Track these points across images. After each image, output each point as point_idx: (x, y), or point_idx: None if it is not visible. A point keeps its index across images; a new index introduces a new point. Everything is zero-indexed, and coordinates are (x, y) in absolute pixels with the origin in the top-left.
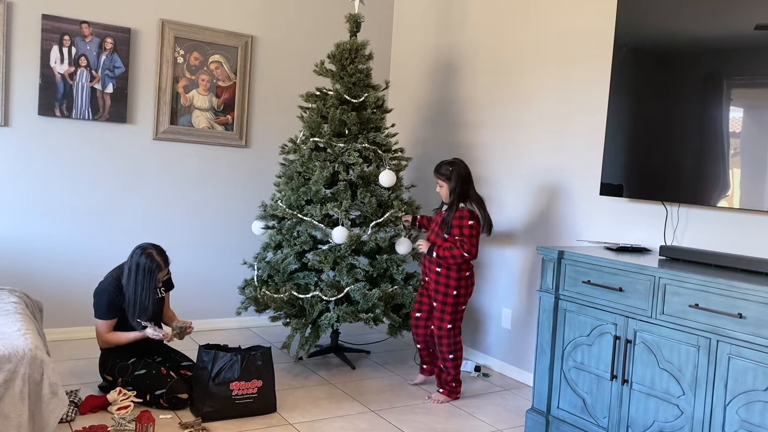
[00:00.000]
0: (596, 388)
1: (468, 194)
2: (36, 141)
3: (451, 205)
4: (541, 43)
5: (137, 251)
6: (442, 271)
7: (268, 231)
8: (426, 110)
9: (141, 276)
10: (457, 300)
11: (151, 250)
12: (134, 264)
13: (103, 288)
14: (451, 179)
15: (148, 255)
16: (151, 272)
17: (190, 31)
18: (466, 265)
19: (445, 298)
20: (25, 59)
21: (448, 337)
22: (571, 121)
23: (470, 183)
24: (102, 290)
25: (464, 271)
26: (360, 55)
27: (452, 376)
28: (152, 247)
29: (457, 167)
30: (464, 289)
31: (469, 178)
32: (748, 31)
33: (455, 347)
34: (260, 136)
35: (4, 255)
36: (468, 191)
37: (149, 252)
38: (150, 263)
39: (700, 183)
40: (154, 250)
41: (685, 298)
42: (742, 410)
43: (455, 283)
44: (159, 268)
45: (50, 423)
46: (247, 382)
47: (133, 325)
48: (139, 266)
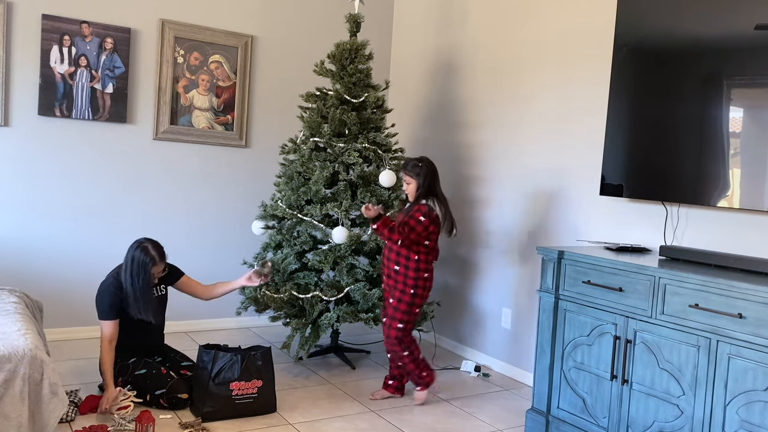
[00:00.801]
0: (596, 388)
1: (433, 192)
2: (36, 141)
3: (415, 202)
4: (541, 43)
5: (133, 245)
6: (400, 270)
7: (268, 231)
8: (426, 110)
9: (135, 269)
10: (412, 300)
11: (147, 244)
12: (130, 258)
13: (104, 288)
14: (420, 176)
15: (143, 249)
16: (144, 266)
17: (190, 31)
18: (424, 265)
19: (402, 296)
20: (25, 59)
21: (397, 337)
22: (571, 121)
23: (437, 181)
24: (103, 291)
25: (422, 271)
26: (360, 55)
27: (417, 370)
28: (148, 241)
29: (426, 165)
30: (421, 290)
31: (436, 177)
32: (748, 31)
33: (406, 343)
34: (260, 136)
35: (4, 255)
36: (434, 189)
37: (144, 246)
38: (144, 257)
39: (700, 183)
40: (150, 244)
41: (685, 298)
42: (742, 410)
43: (413, 282)
44: (153, 262)
45: (50, 423)
46: (247, 382)
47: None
48: (134, 260)
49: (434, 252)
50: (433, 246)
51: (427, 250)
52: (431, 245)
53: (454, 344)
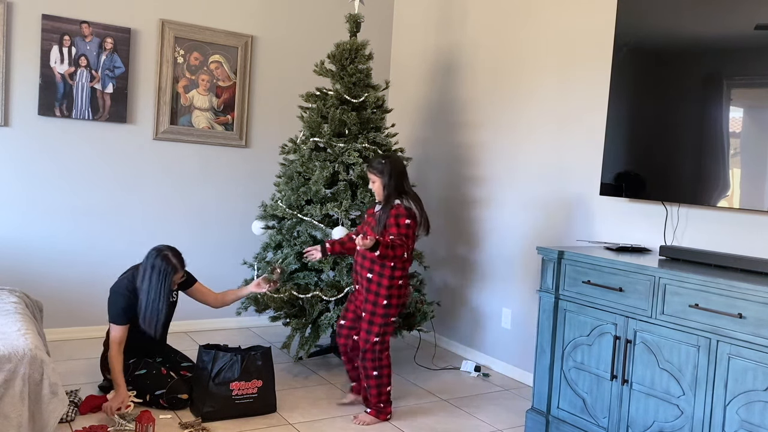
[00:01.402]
0: (596, 388)
1: (403, 190)
2: (36, 141)
3: (386, 203)
4: (541, 43)
5: (153, 253)
6: (373, 278)
7: (268, 231)
8: (426, 110)
9: (156, 278)
10: (387, 311)
11: (167, 252)
12: (149, 266)
13: (119, 291)
14: (384, 173)
15: (164, 257)
16: (166, 275)
17: (190, 31)
18: (399, 272)
19: (375, 308)
20: (25, 59)
21: (373, 352)
22: (571, 121)
23: (405, 178)
24: (117, 294)
25: (397, 279)
26: (360, 55)
27: (376, 397)
28: (168, 249)
29: (391, 161)
30: (396, 299)
31: (404, 174)
32: (748, 31)
33: (380, 363)
34: (260, 136)
35: (4, 255)
36: (403, 187)
37: (165, 254)
38: (166, 265)
39: (700, 183)
40: (170, 252)
41: (685, 298)
42: (742, 410)
43: (386, 292)
44: (174, 270)
45: (50, 423)
46: (247, 382)
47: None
48: (154, 268)
49: (411, 257)
50: (412, 250)
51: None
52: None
53: (454, 344)
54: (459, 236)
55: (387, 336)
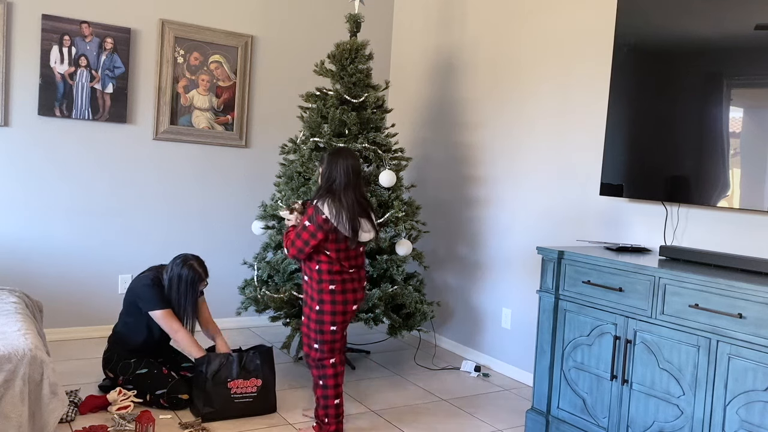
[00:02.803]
0: (596, 388)
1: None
2: (36, 141)
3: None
4: (541, 43)
5: (178, 263)
6: (307, 280)
7: (268, 231)
8: (426, 110)
9: (184, 287)
10: (320, 317)
11: (192, 262)
12: (176, 275)
13: (147, 283)
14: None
15: (190, 267)
16: (193, 284)
17: (190, 31)
18: (327, 276)
19: (309, 313)
20: (25, 59)
21: (313, 360)
22: (571, 120)
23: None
24: (147, 285)
25: (326, 283)
26: (360, 55)
27: (321, 409)
28: (193, 258)
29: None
30: (329, 305)
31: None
32: (748, 31)
33: (323, 373)
34: (260, 136)
35: (4, 255)
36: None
37: (191, 263)
38: (193, 275)
39: (700, 183)
40: (195, 261)
41: (685, 298)
42: (742, 410)
43: (317, 296)
44: (201, 279)
45: (50, 423)
46: (245, 381)
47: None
48: (181, 278)
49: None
50: (335, 256)
51: (328, 259)
52: (332, 255)
53: (454, 344)
54: (459, 236)
55: (326, 345)
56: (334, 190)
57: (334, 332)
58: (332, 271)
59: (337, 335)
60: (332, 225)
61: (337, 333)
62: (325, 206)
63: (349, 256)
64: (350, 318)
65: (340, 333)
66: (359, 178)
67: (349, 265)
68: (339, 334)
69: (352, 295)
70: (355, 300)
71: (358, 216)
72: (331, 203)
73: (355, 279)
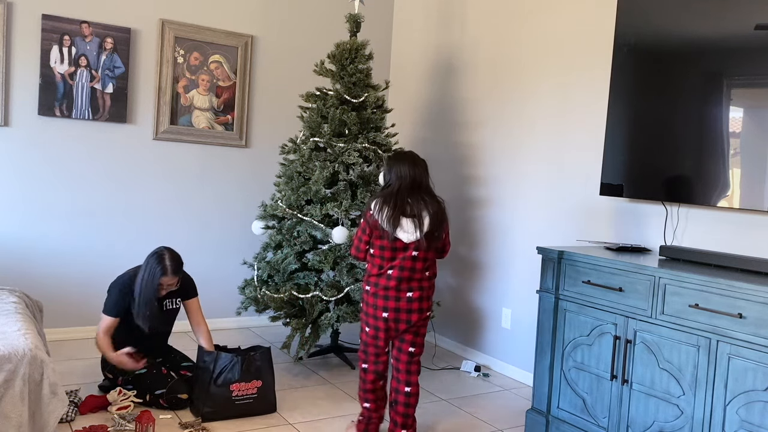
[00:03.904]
0: (596, 388)
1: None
2: (36, 141)
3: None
4: (541, 42)
5: (153, 252)
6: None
7: (268, 231)
8: (426, 110)
9: (146, 277)
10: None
11: (164, 254)
12: (145, 263)
13: (116, 285)
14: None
15: (159, 257)
16: (153, 275)
17: (190, 31)
18: (366, 276)
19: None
20: (25, 59)
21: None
22: (571, 120)
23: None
24: (114, 287)
25: (365, 283)
26: (360, 55)
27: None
28: (167, 251)
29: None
30: (364, 305)
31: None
32: (748, 31)
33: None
34: (260, 136)
35: (4, 255)
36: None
37: (161, 255)
38: (156, 266)
39: (700, 183)
40: (168, 254)
41: (685, 298)
42: (742, 410)
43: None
44: (163, 272)
45: (50, 423)
46: (247, 383)
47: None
48: (147, 266)
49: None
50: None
51: (372, 258)
52: (375, 252)
53: (454, 344)
54: (459, 236)
55: (361, 345)
56: (386, 194)
57: (367, 335)
58: (371, 273)
59: (369, 340)
60: (376, 220)
61: (369, 338)
62: (372, 202)
63: (394, 257)
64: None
65: (372, 339)
66: (414, 183)
67: (389, 266)
68: (371, 340)
69: (383, 302)
70: (385, 307)
71: (403, 216)
72: (378, 200)
73: (391, 287)
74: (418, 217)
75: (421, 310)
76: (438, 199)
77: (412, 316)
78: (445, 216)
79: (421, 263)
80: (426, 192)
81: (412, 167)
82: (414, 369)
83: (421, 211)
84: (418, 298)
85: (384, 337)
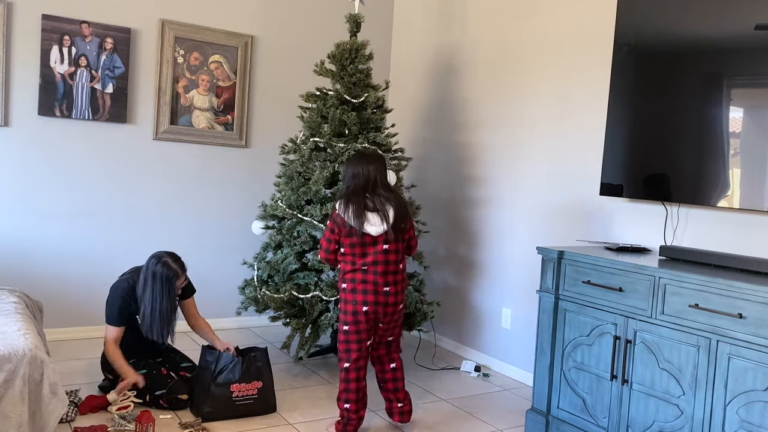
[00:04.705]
0: (596, 388)
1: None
2: (36, 141)
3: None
4: (541, 42)
5: (152, 261)
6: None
7: (268, 231)
8: (426, 110)
9: (159, 286)
10: (341, 316)
11: (167, 258)
12: (150, 274)
13: (117, 294)
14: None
15: (164, 264)
16: (169, 281)
17: (190, 31)
18: (341, 275)
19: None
20: (25, 59)
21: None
22: (571, 121)
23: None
24: (116, 296)
25: (341, 281)
26: (360, 55)
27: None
28: (167, 255)
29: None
30: (342, 304)
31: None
32: (748, 31)
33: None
34: (260, 136)
35: (4, 255)
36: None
37: (165, 260)
38: (167, 272)
39: (700, 183)
40: (170, 258)
41: (685, 298)
42: (742, 410)
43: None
44: (177, 276)
45: (50, 423)
46: (247, 384)
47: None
48: (156, 275)
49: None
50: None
51: (343, 258)
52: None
53: (454, 344)
54: (459, 236)
55: (341, 345)
56: (345, 193)
57: (347, 332)
58: (345, 270)
59: (352, 336)
60: (342, 218)
61: (352, 334)
62: (337, 203)
63: (365, 253)
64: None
65: (355, 335)
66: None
67: (362, 263)
68: (354, 336)
69: (362, 296)
70: (365, 301)
71: (367, 210)
72: (342, 200)
73: (369, 281)
74: (381, 211)
75: (396, 303)
76: (398, 192)
77: (388, 309)
78: (408, 209)
79: (394, 256)
80: (383, 187)
81: (365, 165)
82: (394, 347)
83: (384, 205)
84: (394, 293)
85: (366, 329)
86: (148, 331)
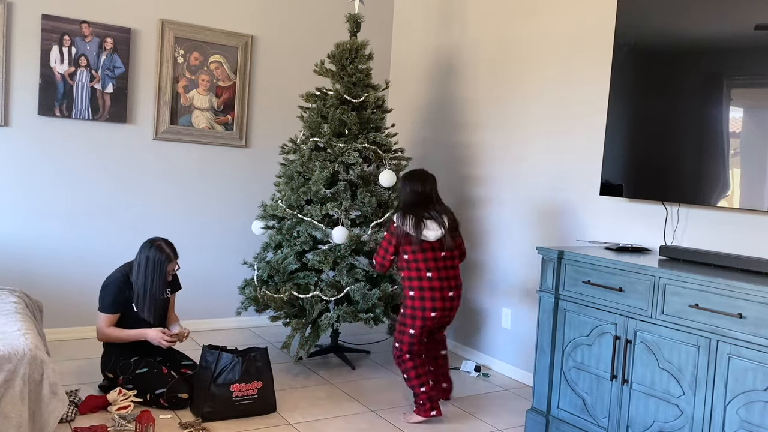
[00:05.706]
0: (596, 388)
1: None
2: (36, 141)
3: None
4: (541, 42)
5: (146, 245)
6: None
7: (268, 231)
8: (426, 110)
9: (150, 268)
10: (403, 320)
11: (160, 242)
12: (144, 257)
13: (111, 282)
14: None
15: (157, 247)
16: (160, 264)
17: (190, 31)
18: (407, 282)
19: (398, 316)
20: (25, 59)
21: (395, 357)
22: (571, 120)
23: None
24: (109, 284)
25: (407, 289)
26: (360, 55)
27: (415, 395)
28: (161, 239)
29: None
30: (410, 310)
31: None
32: (748, 31)
33: (403, 368)
34: (260, 136)
35: (4, 255)
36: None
37: (158, 244)
38: (159, 255)
39: (700, 183)
40: (163, 242)
41: (685, 298)
42: (742, 410)
43: (403, 302)
44: (168, 259)
45: (50, 423)
46: (247, 384)
47: (144, 317)
48: (148, 259)
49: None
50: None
51: (407, 265)
52: (409, 257)
53: (454, 344)
54: None
55: (404, 346)
56: (402, 207)
57: (413, 336)
58: (411, 278)
59: (416, 339)
60: (402, 229)
61: (416, 338)
62: (394, 216)
63: (426, 259)
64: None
65: (418, 338)
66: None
67: (426, 267)
68: (417, 338)
69: (431, 303)
70: (434, 307)
71: (425, 219)
72: (399, 213)
73: (435, 288)
74: (437, 219)
75: (455, 308)
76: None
77: (452, 312)
78: (457, 221)
79: (451, 262)
80: (438, 202)
81: (422, 183)
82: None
83: (440, 215)
84: (457, 297)
85: (426, 333)
86: (141, 311)
